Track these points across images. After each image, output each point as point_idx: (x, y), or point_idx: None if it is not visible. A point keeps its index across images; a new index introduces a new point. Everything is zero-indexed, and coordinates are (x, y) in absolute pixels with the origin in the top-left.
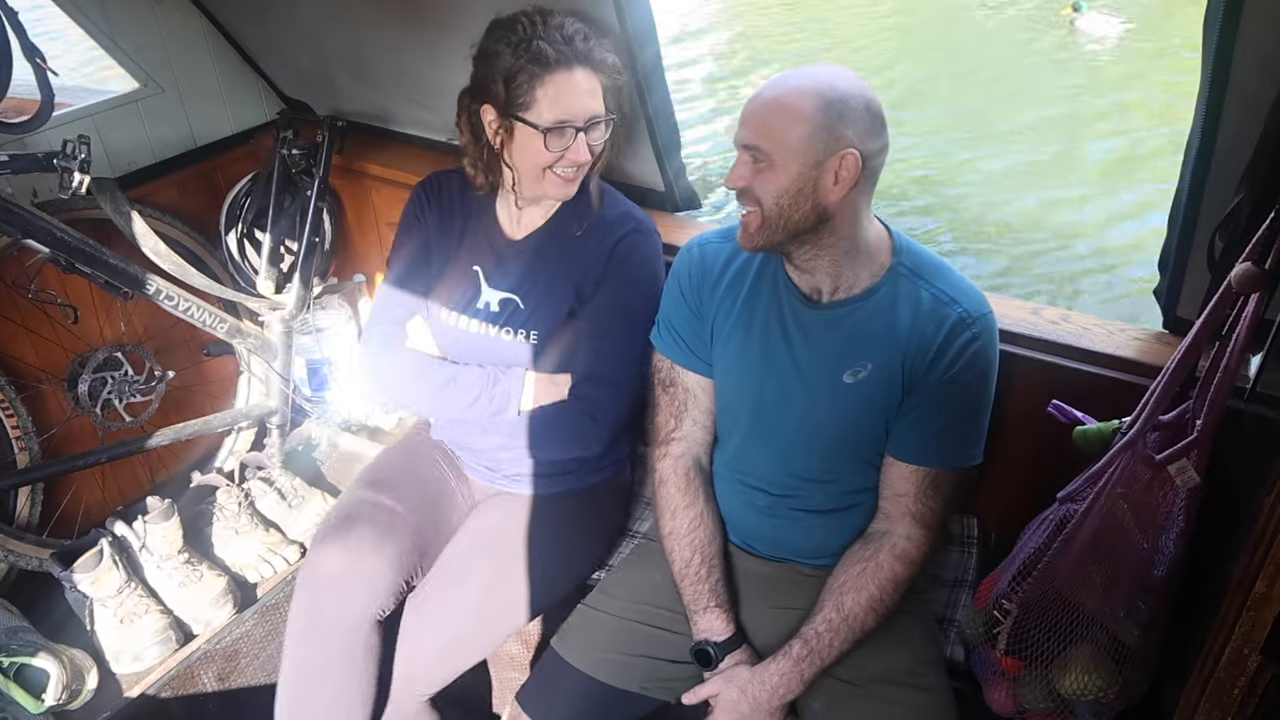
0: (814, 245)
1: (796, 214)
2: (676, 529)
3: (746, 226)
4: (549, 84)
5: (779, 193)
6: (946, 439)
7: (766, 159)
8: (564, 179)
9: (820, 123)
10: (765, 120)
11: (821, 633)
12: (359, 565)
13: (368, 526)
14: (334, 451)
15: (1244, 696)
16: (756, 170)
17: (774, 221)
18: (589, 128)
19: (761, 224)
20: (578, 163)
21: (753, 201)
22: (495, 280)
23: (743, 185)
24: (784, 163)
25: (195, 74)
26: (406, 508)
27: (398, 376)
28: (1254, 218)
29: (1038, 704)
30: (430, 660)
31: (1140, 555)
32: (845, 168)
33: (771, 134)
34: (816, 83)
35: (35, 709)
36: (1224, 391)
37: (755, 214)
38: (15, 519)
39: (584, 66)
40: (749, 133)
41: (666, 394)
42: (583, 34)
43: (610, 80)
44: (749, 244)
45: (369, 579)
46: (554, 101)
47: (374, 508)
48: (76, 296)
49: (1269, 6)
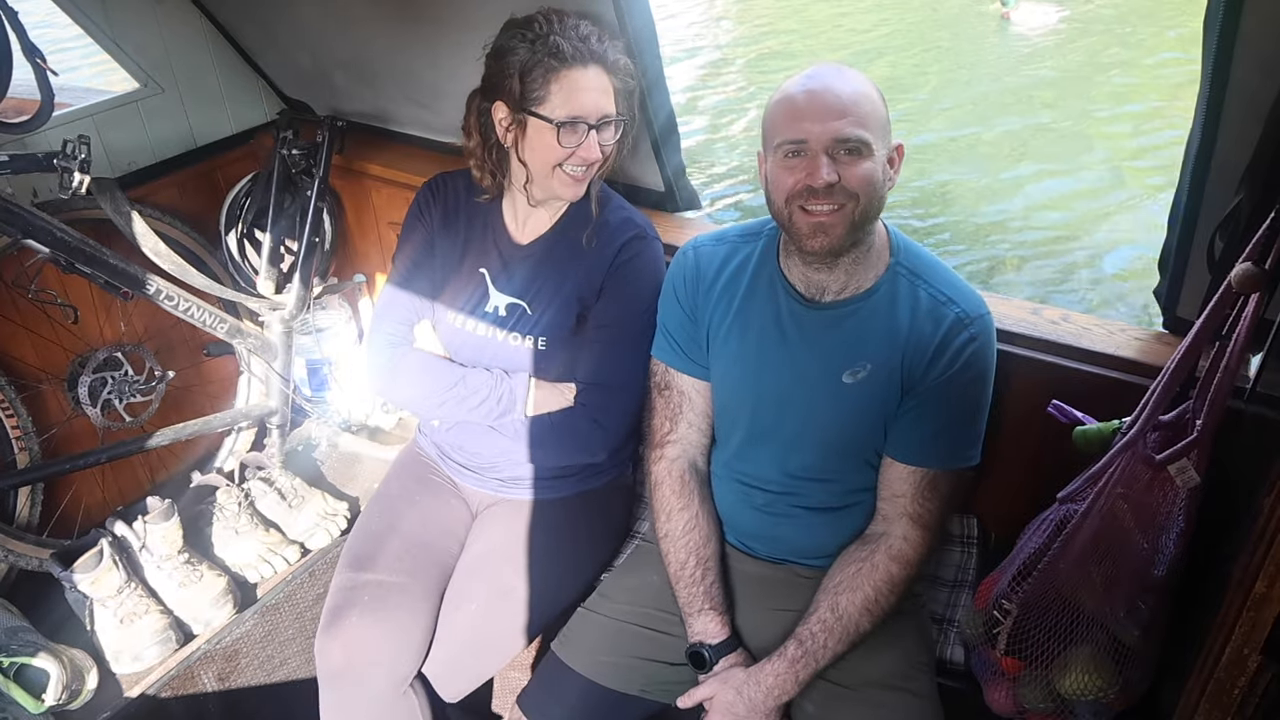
0: (862, 243)
1: (879, 204)
2: (672, 531)
3: (833, 226)
4: (564, 79)
5: (876, 181)
6: (944, 439)
7: (863, 148)
8: (573, 178)
9: (885, 113)
10: (858, 107)
11: (816, 633)
12: (361, 653)
13: (354, 613)
14: (334, 451)
15: (1244, 696)
16: (848, 162)
17: (867, 214)
18: (600, 126)
19: (854, 221)
20: (588, 160)
21: (845, 196)
22: (502, 284)
23: (836, 179)
24: (878, 149)
25: (195, 74)
26: (393, 572)
27: (404, 376)
28: (1254, 218)
29: (1038, 704)
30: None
31: (1140, 555)
32: (898, 155)
33: (867, 121)
34: (854, 73)
35: (35, 709)
36: (1224, 391)
37: (847, 209)
38: (15, 519)
39: (598, 65)
40: (845, 124)
41: (662, 397)
42: (597, 35)
43: (622, 83)
44: (835, 243)
45: (373, 660)
46: (568, 97)
47: (357, 590)
48: (76, 296)
49: (1269, 6)
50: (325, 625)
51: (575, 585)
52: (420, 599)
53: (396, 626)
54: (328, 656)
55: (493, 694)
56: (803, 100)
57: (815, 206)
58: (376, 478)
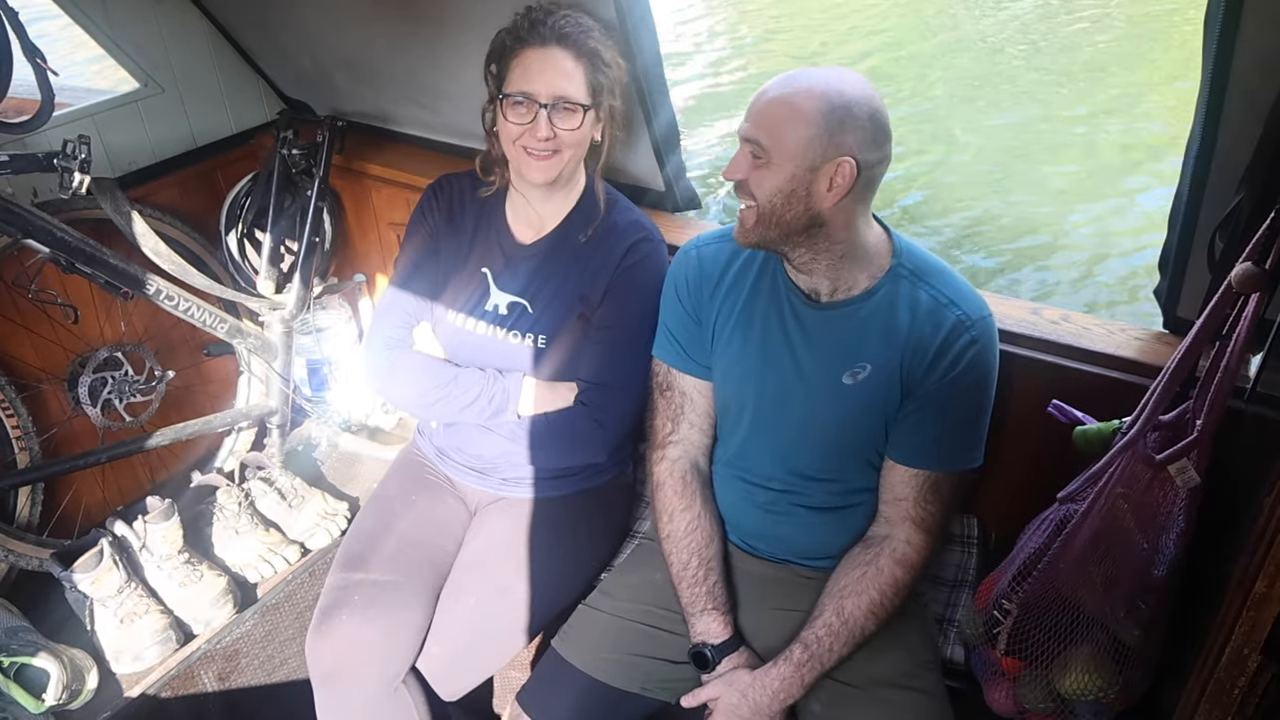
0: (808, 248)
1: (789, 214)
2: (674, 532)
3: (743, 221)
4: (522, 57)
5: (774, 191)
6: (946, 442)
7: (765, 155)
8: (533, 156)
9: (821, 127)
10: (769, 117)
11: (822, 637)
12: (351, 653)
13: (345, 613)
14: (334, 451)
15: (1244, 696)
16: (755, 165)
17: (768, 219)
18: (555, 107)
19: (757, 220)
20: (540, 139)
21: (749, 196)
22: (503, 283)
23: (740, 178)
24: (780, 162)
25: (195, 74)
26: (386, 571)
27: (400, 377)
28: (1254, 218)
29: (1038, 704)
30: (444, 669)
31: (1140, 555)
32: (840, 175)
33: (772, 131)
34: (825, 86)
35: (35, 709)
36: (1224, 391)
37: (752, 209)
38: (15, 519)
39: (561, 47)
40: (751, 127)
41: (663, 398)
42: (574, 21)
43: (594, 69)
44: (744, 239)
45: (364, 660)
46: (520, 73)
47: (348, 590)
48: (77, 296)
49: (1269, 6)
50: (316, 625)
51: (575, 584)
52: (413, 596)
53: (387, 625)
54: (318, 657)
55: (493, 693)
56: (756, 94)
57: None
58: (376, 478)
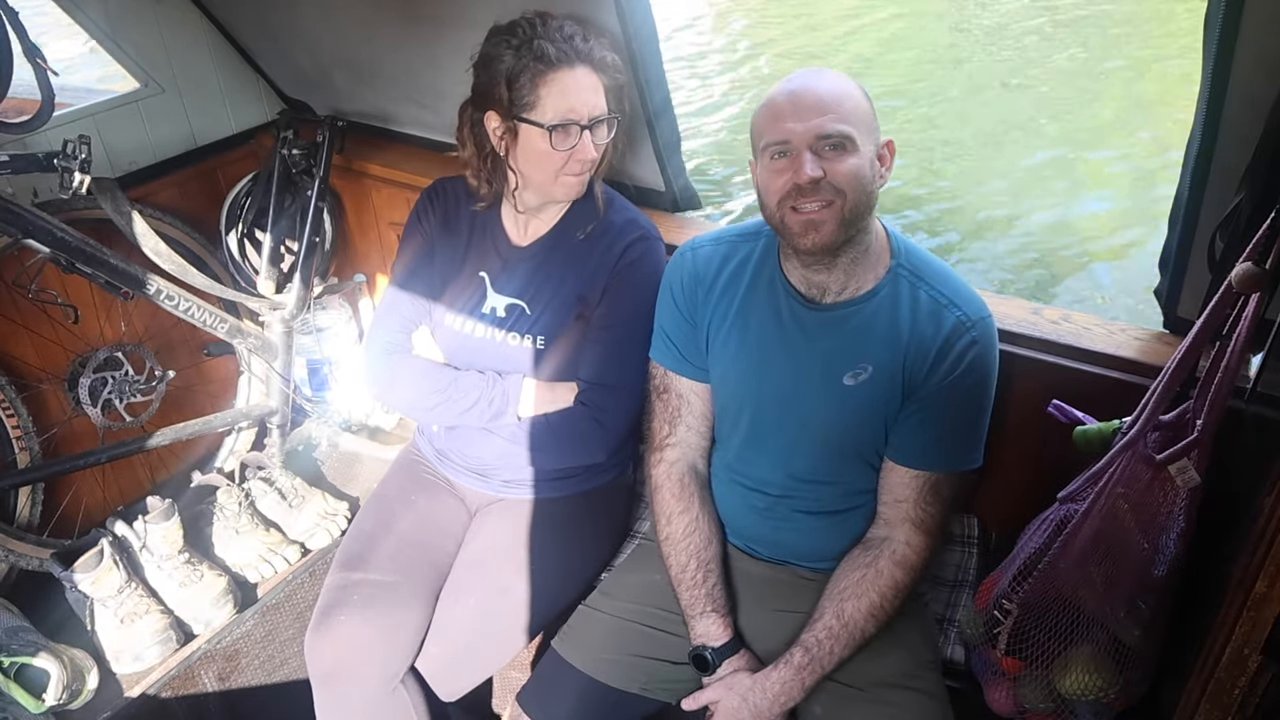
0: (858, 241)
1: (869, 200)
2: (672, 534)
3: (823, 223)
4: (552, 82)
5: (862, 177)
6: (946, 443)
7: (847, 143)
8: (574, 179)
9: (870, 104)
10: (840, 104)
11: (822, 640)
12: (349, 653)
13: (343, 613)
14: (334, 451)
15: (1244, 696)
16: (831, 157)
17: (854, 209)
18: (593, 125)
19: (843, 217)
20: (584, 160)
21: (832, 193)
22: (501, 285)
23: (819, 175)
24: (864, 144)
25: (195, 74)
26: (385, 571)
27: (399, 382)
28: (1254, 218)
29: (1038, 704)
30: (443, 669)
31: (1140, 555)
32: (888, 151)
33: (850, 116)
34: (841, 75)
35: (36, 709)
36: (1224, 391)
37: (835, 205)
38: (16, 519)
39: (585, 65)
40: (826, 121)
41: (660, 400)
42: (582, 34)
43: (611, 80)
44: (830, 239)
45: (362, 660)
46: (558, 99)
47: (347, 590)
48: (77, 296)
49: (1269, 7)
50: (314, 625)
51: (575, 584)
52: (412, 596)
53: (385, 625)
54: (316, 656)
55: (492, 694)
56: (784, 102)
57: (804, 205)
58: (376, 478)
